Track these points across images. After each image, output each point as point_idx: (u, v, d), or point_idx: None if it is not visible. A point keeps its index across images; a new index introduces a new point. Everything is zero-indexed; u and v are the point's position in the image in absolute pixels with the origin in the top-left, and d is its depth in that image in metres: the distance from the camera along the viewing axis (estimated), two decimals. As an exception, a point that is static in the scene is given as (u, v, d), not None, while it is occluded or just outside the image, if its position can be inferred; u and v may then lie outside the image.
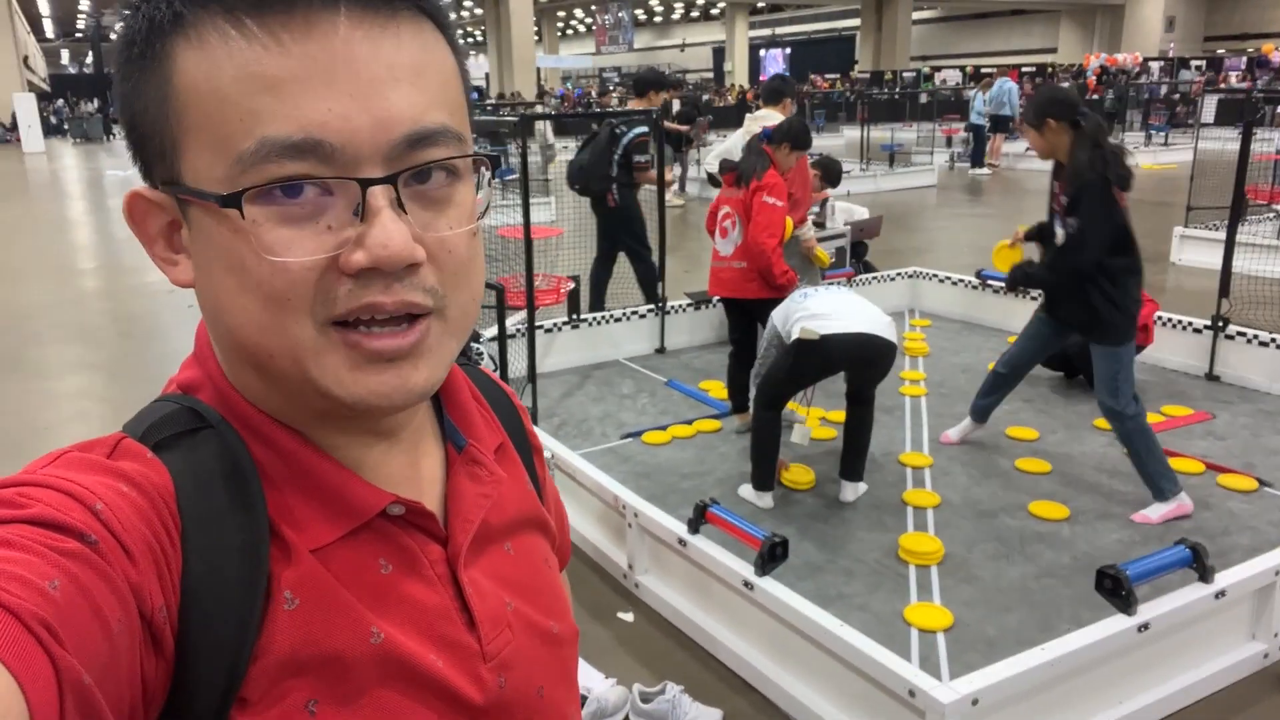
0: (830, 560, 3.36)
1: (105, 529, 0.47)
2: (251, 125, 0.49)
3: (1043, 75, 24.37)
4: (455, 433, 0.67)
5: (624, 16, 34.99)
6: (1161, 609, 2.48)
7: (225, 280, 0.52)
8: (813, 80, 31.75)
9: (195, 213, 0.52)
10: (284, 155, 0.49)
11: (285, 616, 0.53)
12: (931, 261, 7.74)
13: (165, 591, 0.49)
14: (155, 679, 0.48)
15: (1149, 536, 3.44)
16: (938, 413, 4.81)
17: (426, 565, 0.60)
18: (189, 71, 0.50)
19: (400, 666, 0.56)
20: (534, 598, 0.67)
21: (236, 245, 0.50)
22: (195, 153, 0.51)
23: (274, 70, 0.49)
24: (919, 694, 2.19)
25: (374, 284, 0.51)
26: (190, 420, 0.56)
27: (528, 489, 0.72)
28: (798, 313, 3.62)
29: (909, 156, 16.16)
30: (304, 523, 0.56)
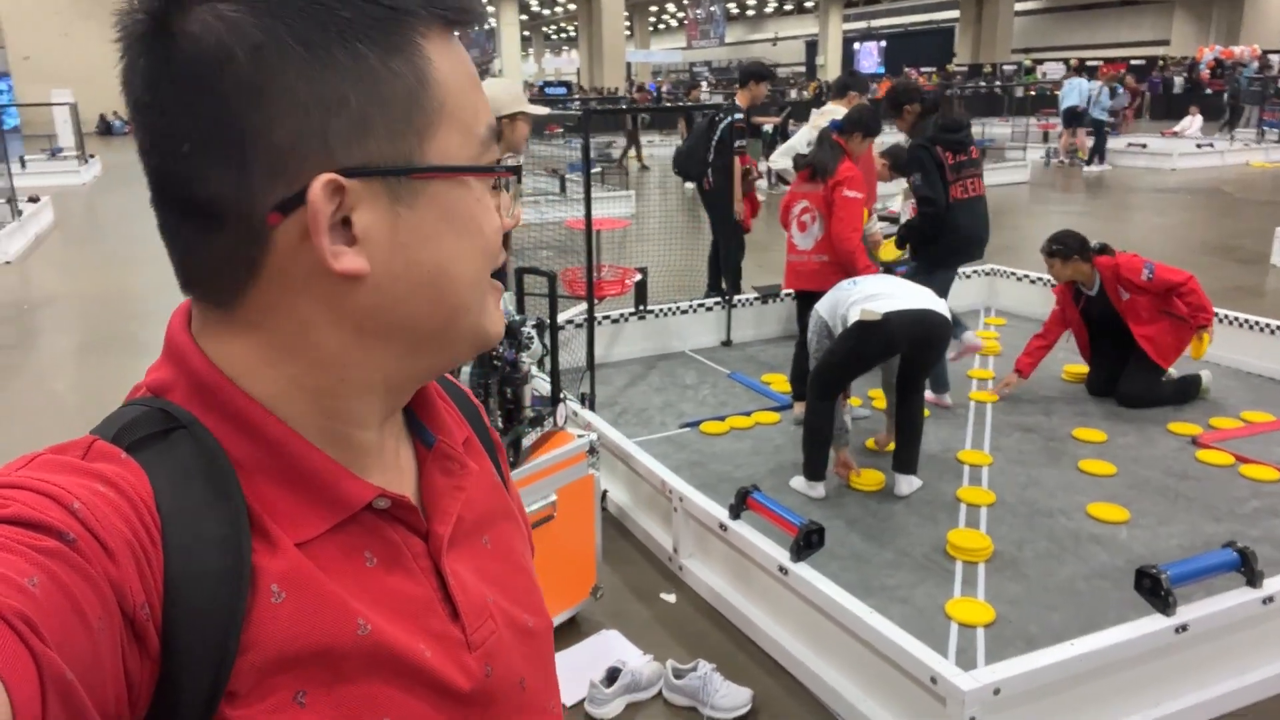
0: (877, 552, 3.38)
1: (84, 527, 0.47)
2: (480, 114, 0.60)
3: (1151, 69, 23.37)
4: (423, 429, 0.69)
5: (715, 10, 34.87)
6: (1202, 611, 2.44)
7: (462, 245, 0.59)
8: (906, 74, 31.08)
9: (434, 187, 0.57)
10: (492, 139, 0.61)
11: (272, 610, 0.53)
12: (1015, 260, 7.54)
13: (147, 589, 0.49)
14: (140, 676, 0.49)
15: (1211, 542, 3.35)
16: (1003, 413, 4.74)
17: (410, 558, 0.61)
18: (441, 66, 0.57)
19: (389, 657, 0.57)
20: (510, 591, 0.68)
21: (480, 211, 0.60)
22: (447, 136, 0.58)
23: (472, 71, 0.60)
24: (940, 681, 2.22)
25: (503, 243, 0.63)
26: (162, 421, 0.56)
27: (495, 481, 0.74)
28: (851, 298, 3.64)
29: (1001, 152, 15.73)
30: (290, 516, 0.56)
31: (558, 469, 2.86)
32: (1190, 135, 17.60)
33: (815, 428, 3.76)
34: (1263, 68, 23.25)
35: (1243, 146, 16.35)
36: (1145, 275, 4.61)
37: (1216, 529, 3.49)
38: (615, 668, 2.65)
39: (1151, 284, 4.61)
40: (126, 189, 16.12)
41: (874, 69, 39.81)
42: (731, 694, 2.59)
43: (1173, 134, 17.61)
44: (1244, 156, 15.77)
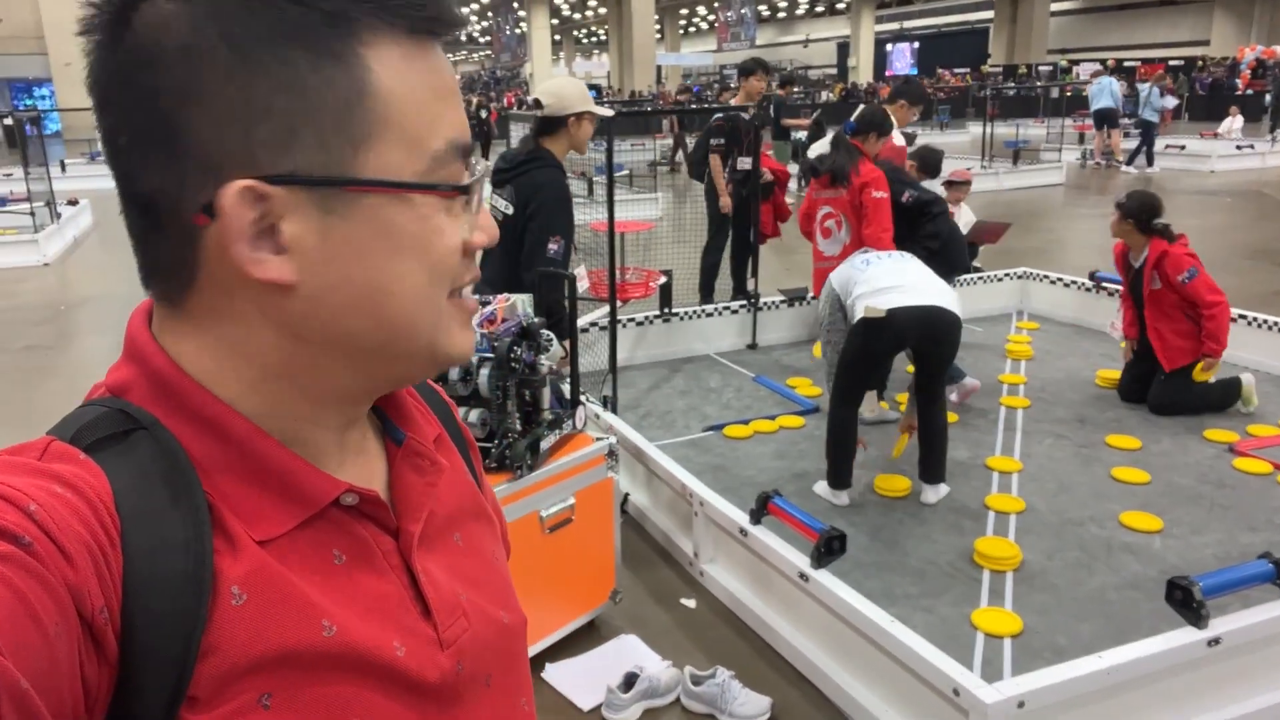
0: (901, 560, 3.32)
1: (40, 530, 0.46)
2: (437, 128, 0.56)
3: (1191, 69, 22.97)
4: (392, 427, 0.68)
5: (746, 13, 34.74)
6: (1236, 624, 2.37)
7: (399, 263, 0.55)
8: (940, 75, 30.82)
9: (370, 202, 0.54)
10: (456, 154, 0.58)
11: (232, 613, 0.52)
12: (1049, 263, 7.44)
13: (106, 592, 0.48)
14: (98, 682, 0.48)
15: (1247, 552, 3.26)
16: (1035, 418, 4.66)
17: (379, 555, 0.61)
18: (385, 76, 0.54)
19: (355, 658, 0.56)
20: (483, 588, 0.68)
21: (424, 229, 0.56)
22: (388, 149, 0.54)
23: (440, 84, 0.57)
24: (963, 693, 2.17)
25: (472, 259, 0.61)
26: (121, 422, 0.56)
27: (467, 479, 0.73)
28: (859, 285, 3.58)
29: (1036, 153, 15.51)
30: (253, 515, 0.55)
31: (577, 472, 2.84)
32: (1231, 137, 17.26)
33: (838, 435, 3.71)
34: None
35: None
36: (1182, 278, 4.51)
37: (1253, 539, 3.40)
38: (633, 673, 2.63)
39: (1183, 288, 4.52)
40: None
41: (907, 70, 39.49)
42: (750, 702, 2.56)
43: (1213, 135, 17.28)
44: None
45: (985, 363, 5.47)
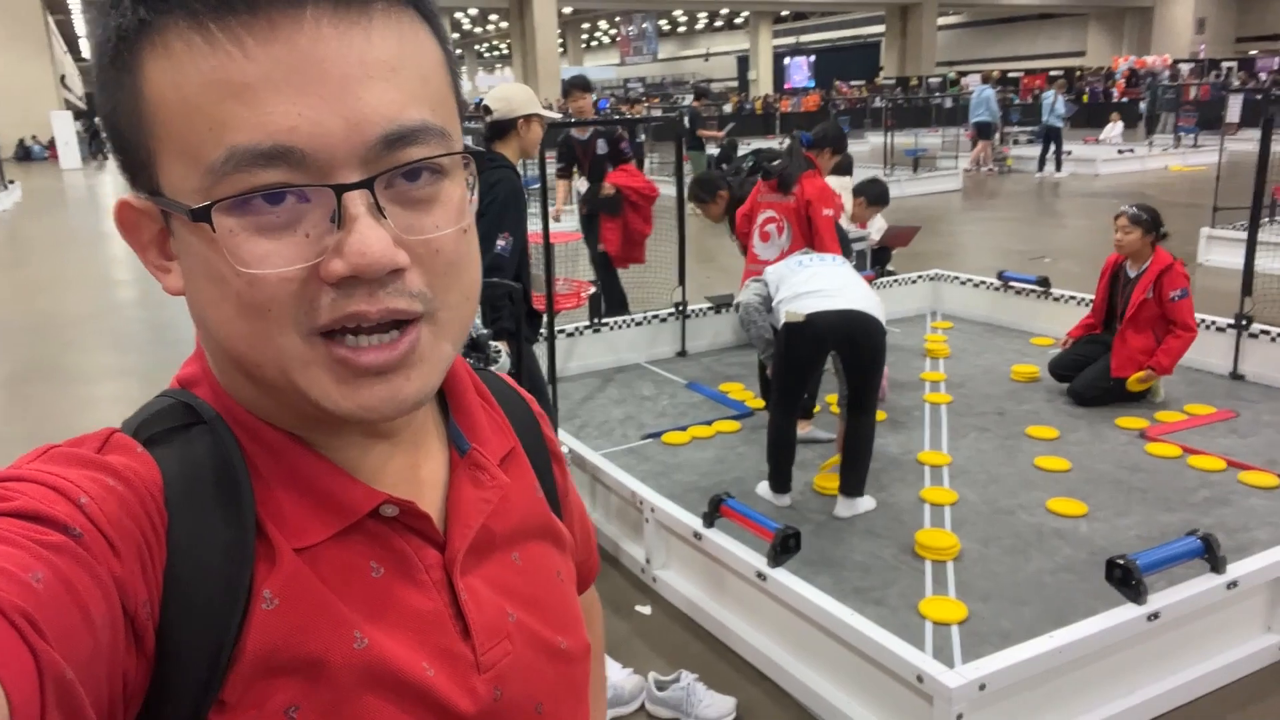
0: (846, 555, 3.39)
1: (90, 522, 0.46)
2: (220, 134, 0.47)
3: (1071, 79, 24.21)
4: (459, 436, 0.65)
5: (648, 27, 35.17)
6: (1172, 598, 2.50)
7: (208, 290, 0.51)
8: (837, 87, 31.74)
9: (176, 223, 0.52)
10: (254, 164, 0.47)
11: (263, 616, 0.52)
12: (955, 264, 7.73)
13: (149, 586, 0.48)
14: (135, 676, 0.48)
15: (1167, 532, 3.44)
16: (958, 413, 4.82)
17: (421, 569, 0.58)
18: (157, 81, 0.49)
19: (386, 674, 0.54)
20: (540, 610, 0.64)
21: (213, 257, 0.49)
22: (168, 163, 0.50)
23: (239, 76, 0.47)
24: (927, 679, 2.23)
25: (357, 292, 0.49)
26: (184, 415, 0.56)
27: (536, 497, 0.69)
28: (785, 289, 3.62)
29: (934, 161, 16.12)
30: (291, 522, 0.55)
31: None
32: (1112, 142, 18.26)
33: (778, 441, 3.74)
34: (1174, 76, 24.29)
35: (1161, 151, 17.01)
36: (1175, 294, 4.69)
37: (1171, 519, 3.59)
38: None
39: (1170, 304, 4.71)
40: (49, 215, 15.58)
41: (804, 83, 40.54)
42: (716, 703, 2.57)
43: (1095, 141, 18.25)
44: (1162, 161, 16.41)
45: (905, 362, 5.65)
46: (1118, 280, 4.98)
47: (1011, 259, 8.51)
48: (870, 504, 3.73)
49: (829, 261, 3.79)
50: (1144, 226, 4.78)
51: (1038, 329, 6.16)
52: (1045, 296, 6.17)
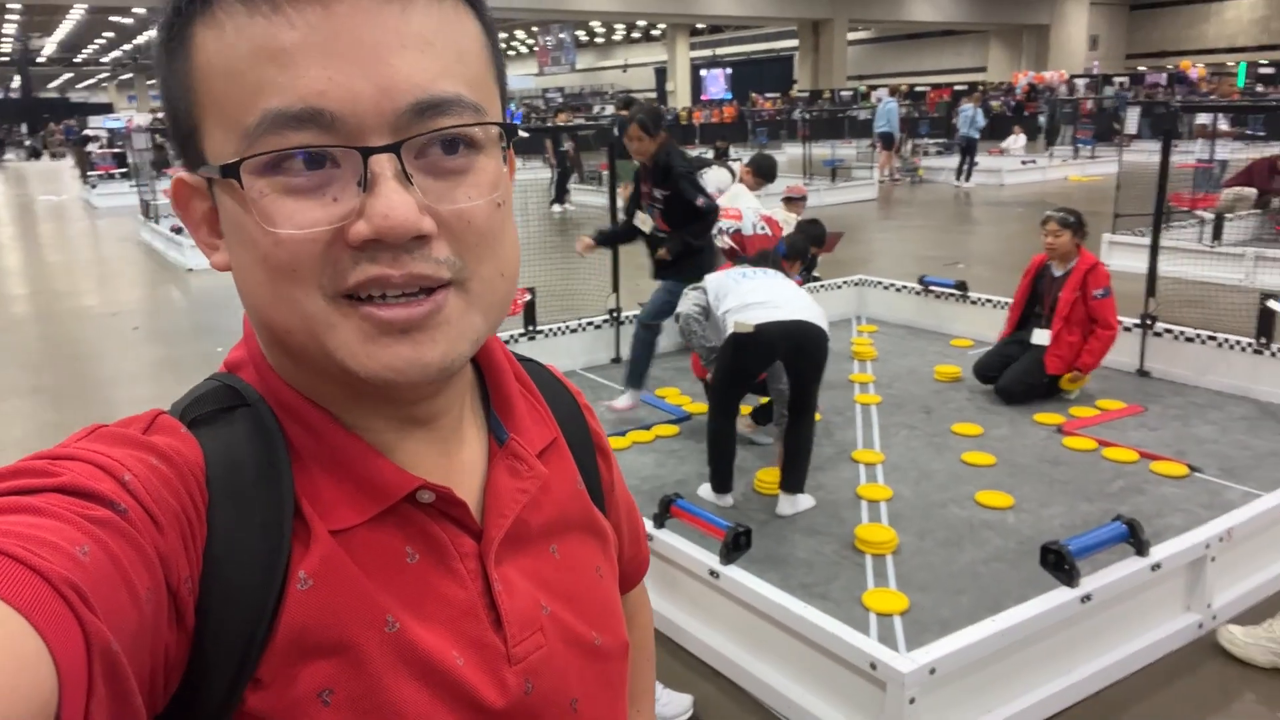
0: (790, 552, 3.47)
1: (134, 499, 0.47)
2: (256, 98, 0.49)
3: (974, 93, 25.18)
4: (498, 425, 0.65)
5: (565, 38, 35.21)
6: (1102, 581, 2.63)
7: (241, 256, 0.53)
8: (753, 99, 32.30)
9: (218, 192, 0.53)
10: (285, 126, 0.48)
11: (298, 597, 0.52)
12: (875, 270, 7.95)
13: (190, 563, 0.49)
14: (176, 651, 0.48)
15: (1089, 520, 3.61)
16: (887, 413, 4.97)
17: (456, 558, 0.58)
18: (205, 52, 0.50)
19: (416, 659, 0.54)
20: (576, 605, 0.64)
21: (244, 219, 0.51)
22: (211, 131, 0.51)
23: (276, 41, 0.48)
24: (880, 666, 2.30)
25: (381, 256, 0.50)
26: (228, 398, 0.57)
27: (578, 489, 0.69)
28: (730, 298, 3.69)
29: (849, 172, 16.55)
30: (328, 504, 0.55)
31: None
32: (1015, 153, 19.01)
33: (718, 443, 3.79)
34: (1070, 91, 25.46)
35: (1061, 162, 17.79)
36: (1099, 293, 4.93)
37: (1091, 508, 3.77)
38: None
39: (1094, 301, 4.94)
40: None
41: (721, 95, 41.13)
42: (673, 701, 2.60)
43: (999, 152, 18.97)
44: (1063, 171, 17.16)
45: (834, 364, 5.73)
46: (1041, 279, 5.18)
47: (928, 265, 8.79)
48: (810, 501, 3.82)
49: (770, 274, 3.88)
50: (1072, 229, 5.02)
51: (957, 331, 6.39)
52: (963, 300, 6.41)
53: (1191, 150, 10.35)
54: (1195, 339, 5.19)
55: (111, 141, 20.49)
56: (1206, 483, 3.98)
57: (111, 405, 5.84)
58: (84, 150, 21.44)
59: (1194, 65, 27.43)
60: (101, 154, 20.03)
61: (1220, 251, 7.91)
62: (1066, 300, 4.97)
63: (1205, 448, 4.34)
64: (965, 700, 2.42)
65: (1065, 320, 4.97)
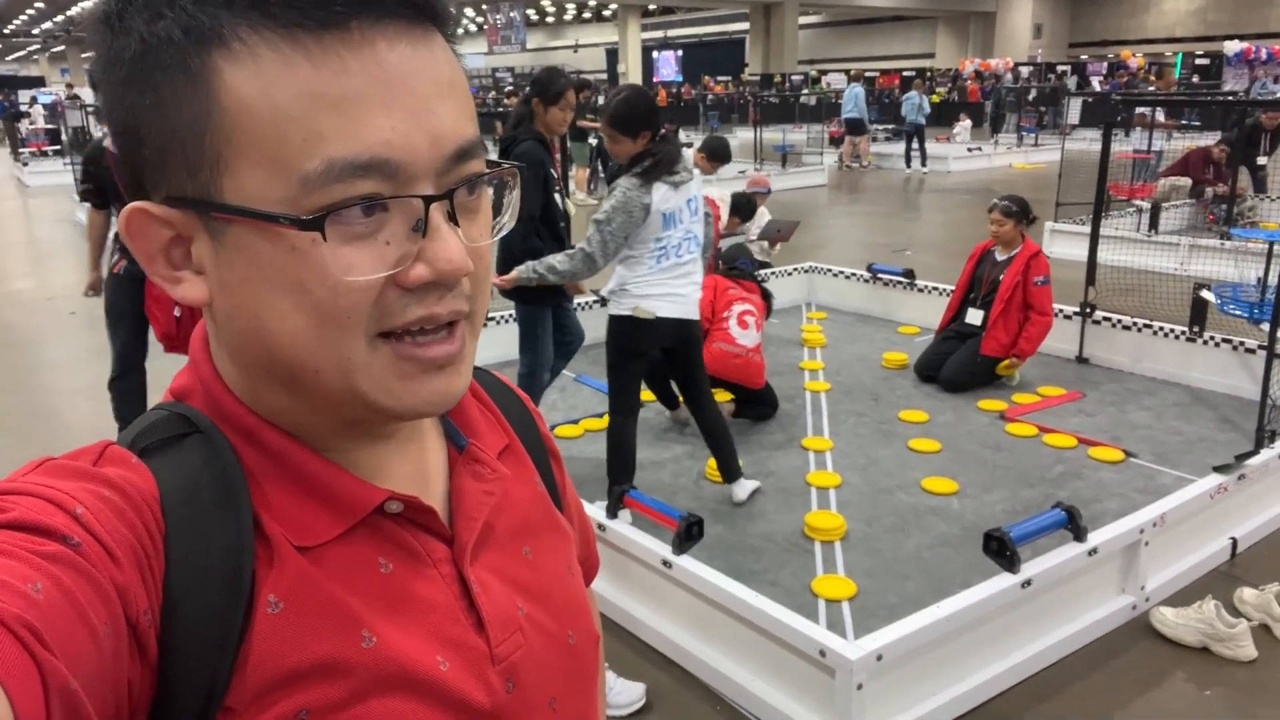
0: (741, 540, 3.52)
1: (87, 532, 0.46)
2: (316, 145, 0.48)
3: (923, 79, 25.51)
4: (456, 433, 0.66)
5: (515, 16, 34.76)
6: (1042, 566, 2.72)
7: (275, 300, 0.51)
8: (705, 82, 32.29)
9: (236, 230, 0.51)
10: (352, 175, 0.49)
11: (268, 621, 0.52)
12: (825, 257, 8.04)
13: (149, 595, 0.49)
14: (140, 685, 0.48)
15: (1029, 506, 3.72)
16: (836, 400, 5.05)
17: (430, 564, 0.59)
18: (240, 89, 0.49)
19: (396, 672, 0.54)
20: (549, 604, 0.65)
21: (295, 265, 0.50)
22: (246, 171, 0.49)
23: (337, 89, 0.48)
24: (829, 653, 2.35)
25: (429, 296, 0.52)
26: (178, 426, 0.56)
27: (539, 491, 0.70)
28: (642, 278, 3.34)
29: (800, 157, 16.66)
30: (295, 524, 0.55)
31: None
32: (961, 140, 19.31)
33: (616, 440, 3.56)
34: (1015, 79, 25.87)
35: (1006, 150, 18.11)
36: (1039, 280, 5.08)
37: (1032, 493, 3.88)
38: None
39: (1033, 289, 5.08)
40: None
41: (673, 77, 41.04)
42: (625, 690, 2.62)
43: (946, 139, 19.25)
44: (1008, 159, 17.47)
45: (785, 351, 5.86)
46: (983, 263, 5.34)
47: (877, 252, 8.91)
48: (755, 483, 3.88)
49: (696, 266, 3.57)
50: (1015, 218, 5.18)
51: (904, 318, 6.50)
52: (911, 288, 6.51)
53: (1130, 140, 10.60)
54: (1132, 327, 5.34)
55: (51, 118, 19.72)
56: (1141, 468, 4.12)
57: (48, 393, 5.68)
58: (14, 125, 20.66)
59: (1134, 55, 28.07)
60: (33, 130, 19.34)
61: (1156, 241, 8.14)
62: (1009, 284, 5.11)
63: (1140, 433, 4.49)
64: (911, 685, 2.49)
65: (1005, 304, 5.11)
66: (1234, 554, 3.43)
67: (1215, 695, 2.70)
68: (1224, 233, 8.26)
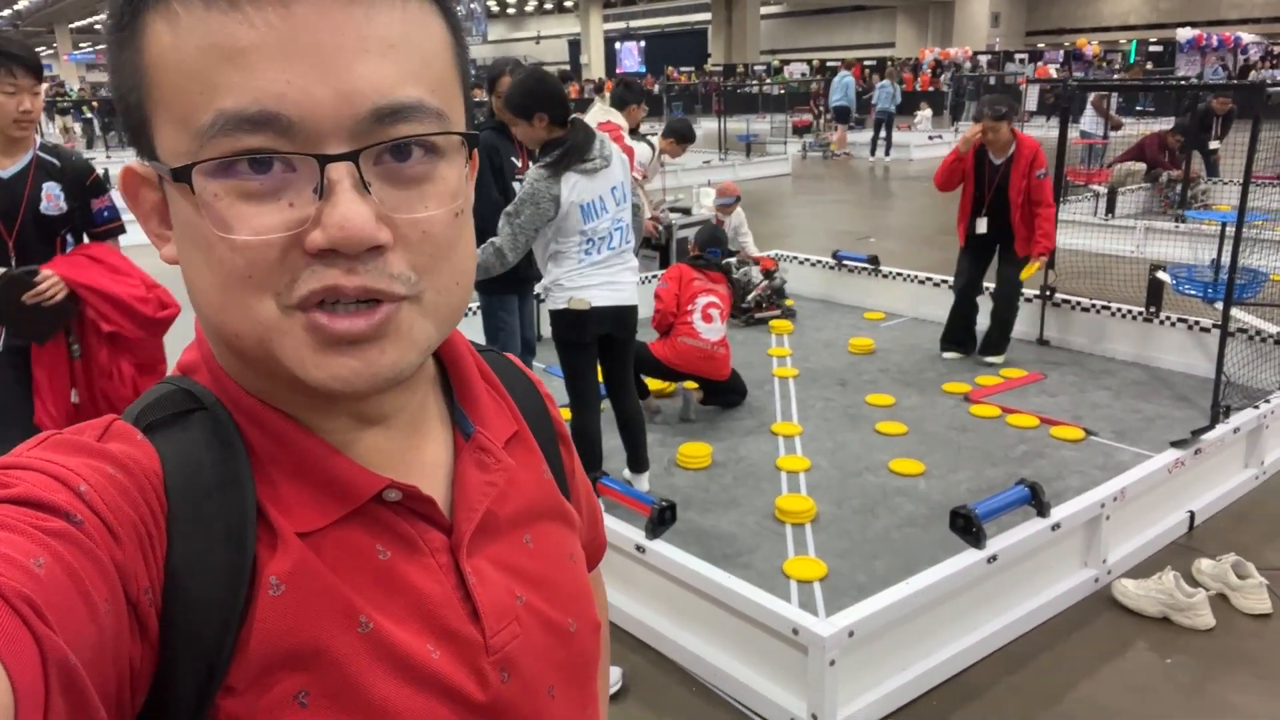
0: (713, 525, 3.55)
1: (90, 509, 0.46)
2: (210, 98, 0.47)
3: (883, 69, 25.73)
4: (464, 419, 0.65)
5: (475, 7, 34.51)
6: (1007, 542, 2.78)
7: (193, 257, 0.51)
8: (668, 73, 32.28)
9: (169, 189, 0.52)
10: (239, 129, 0.47)
11: (270, 603, 0.52)
12: (791, 245, 8.12)
13: (150, 573, 0.49)
14: (140, 662, 0.48)
15: (994, 484, 3.79)
16: (804, 385, 5.10)
17: (427, 553, 0.58)
18: (157, 44, 0.49)
19: (391, 657, 0.54)
20: (550, 592, 0.64)
21: (197, 221, 0.49)
22: (162, 128, 0.50)
23: (234, 40, 0.47)
24: (802, 631, 2.39)
25: (336, 265, 0.49)
26: (184, 402, 0.56)
27: (545, 479, 0.69)
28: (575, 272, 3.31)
29: (764, 147, 16.74)
30: (295, 507, 0.55)
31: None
32: (922, 128, 19.51)
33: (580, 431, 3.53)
34: (974, 67, 26.18)
35: (966, 138, 18.32)
36: (1040, 173, 4.94)
37: (996, 472, 3.95)
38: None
39: (1034, 183, 4.93)
40: None
41: (636, 68, 40.99)
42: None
43: (907, 128, 19.44)
44: (968, 146, 17.68)
45: (754, 339, 5.91)
46: (981, 169, 5.10)
47: (842, 239, 9.00)
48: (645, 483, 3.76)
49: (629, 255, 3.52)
50: (1007, 119, 4.99)
51: (870, 304, 6.58)
52: (875, 274, 6.59)
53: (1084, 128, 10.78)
54: (1090, 309, 5.45)
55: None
56: (1101, 445, 4.21)
57: None
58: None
59: (1089, 43, 28.50)
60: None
61: (1113, 224, 8.29)
62: (1020, 187, 4.97)
63: (1100, 412, 4.59)
64: (882, 659, 2.54)
65: (1021, 208, 5.00)
66: (1191, 526, 3.53)
67: (1176, 663, 2.78)
68: (1178, 215, 8.45)
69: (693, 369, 4.56)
